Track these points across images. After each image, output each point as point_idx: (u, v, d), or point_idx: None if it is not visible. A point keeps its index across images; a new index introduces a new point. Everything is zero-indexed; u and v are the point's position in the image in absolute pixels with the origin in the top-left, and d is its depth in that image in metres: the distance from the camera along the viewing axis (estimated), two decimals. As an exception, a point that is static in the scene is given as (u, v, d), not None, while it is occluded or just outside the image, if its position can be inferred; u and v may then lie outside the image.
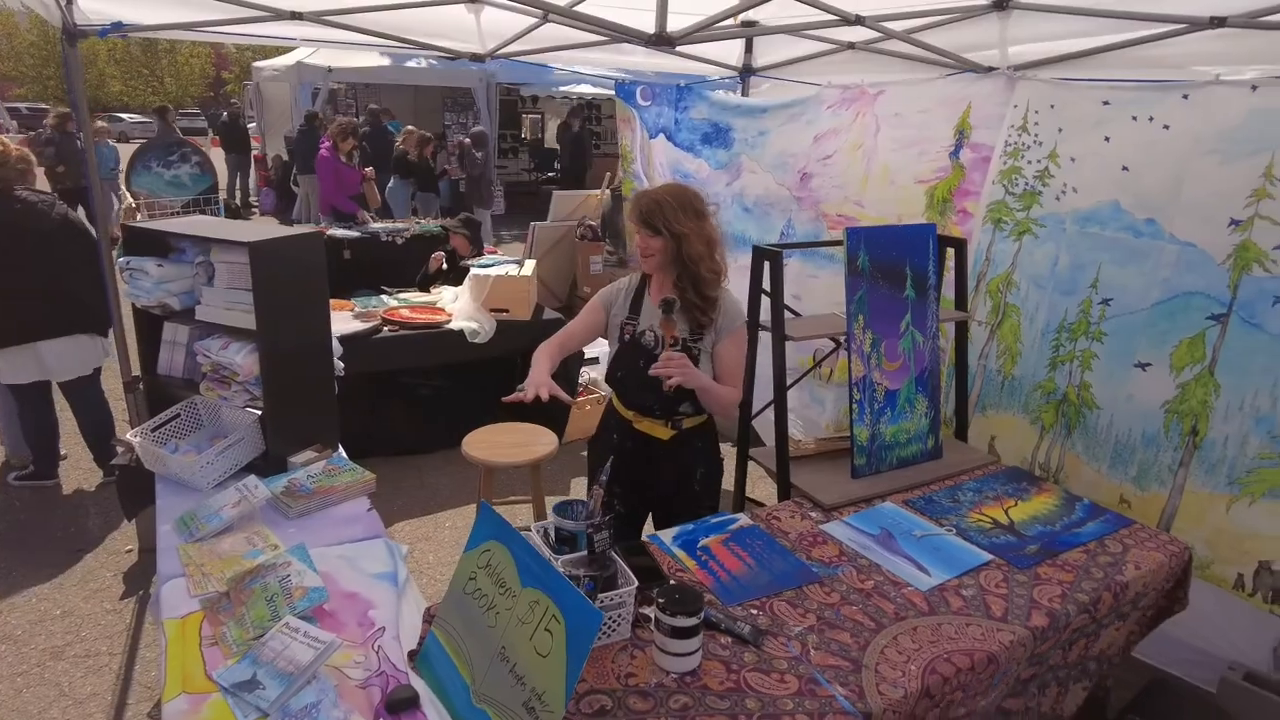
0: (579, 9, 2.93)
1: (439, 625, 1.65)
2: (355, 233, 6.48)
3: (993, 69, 3.27)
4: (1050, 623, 1.87)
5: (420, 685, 1.58)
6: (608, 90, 10.17)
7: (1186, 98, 2.59)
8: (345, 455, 2.59)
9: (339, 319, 4.00)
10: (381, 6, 3.23)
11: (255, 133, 13.90)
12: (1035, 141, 3.07)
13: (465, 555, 1.66)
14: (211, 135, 19.94)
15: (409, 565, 2.03)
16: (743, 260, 2.78)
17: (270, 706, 1.50)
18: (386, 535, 2.18)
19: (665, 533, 2.19)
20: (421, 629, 1.75)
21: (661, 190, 2.29)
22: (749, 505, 2.73)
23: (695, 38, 2.92)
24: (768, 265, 2.63)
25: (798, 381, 3.36)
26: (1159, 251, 2.69)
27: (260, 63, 13.68)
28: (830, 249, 3.69)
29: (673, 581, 1.90)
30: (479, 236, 5.61)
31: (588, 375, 5.09)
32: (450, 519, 3.90)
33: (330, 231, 6.24)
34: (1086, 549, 2.18)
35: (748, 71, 4.61)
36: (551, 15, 3.08)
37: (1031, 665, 1.91)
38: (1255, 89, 2.43)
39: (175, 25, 3.24)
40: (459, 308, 4.62)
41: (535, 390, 2.14)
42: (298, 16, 3.10)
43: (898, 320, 2.64)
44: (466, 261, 5.18)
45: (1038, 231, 3.08)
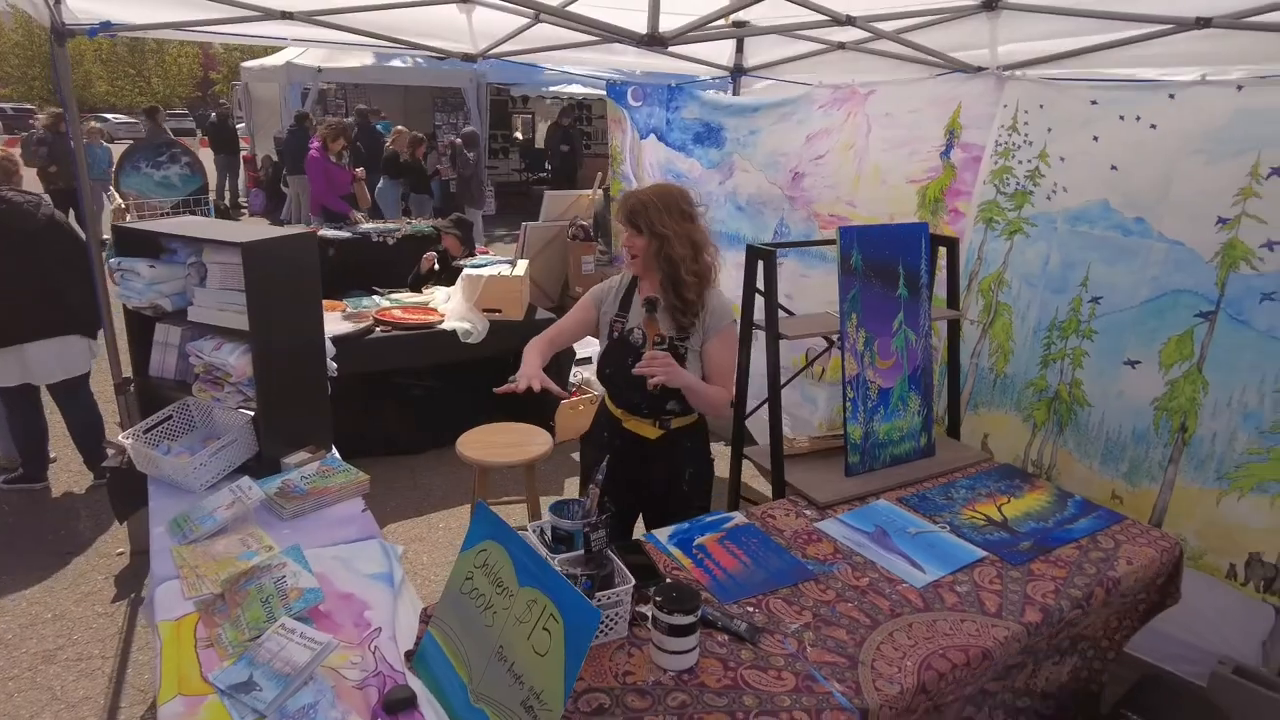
0: (571, 9, 2.93)
1: (436, 625, 1.65)
2: (346, 233, 6.45)
3: (982, 69, 3.29)
4: (1044, 618, 1.89)
5: (417, 685, 1.58)
6: (598, 90, 10.17)
7: (1173, 97, 2.62)
8: (339, 456, 2.58)
9: (330, 320, 3.99)
10: (373, 6, 3.22)
11: (244, 133, 13.82)
12: (1025, 141, 3.09)
13: (462, 555, 1.66)
14: (200, 136, 19.83)
15: (403, 566, 2.03)
16: (737, 258, 2.79)
17: (267, 708, 1.50)
18: (381, 536, 2.18)
19: (661, 531, 2.19)
20: (418, 629, 1.75)
21: (648, 190, 2.29)
22: (744, 504, 2.73)
23: (687, 38, 2.93)
24: (761, 264, 2.64)
25: (791, 380, 3.37)
26: (1148, 250, 2.71)
27: (249, 63, 13.59)
28: (823, 248, 3.70)
29: (669, 580, 1.90)
30: (471, 237, 5.60)
31: (581, 375, 5.09)
32: (444, 520, 3.90)
33: (321, 232, 6.21)
34: (1079, 545, 2.20)
35: (739, 71, 4.63)
36: (543, 15, 3.08)
37: (1020, 654, 1.92)
38: (1241, 89, 2.46)
39: (165, 25, 3.23)
40: (451, 308, 4.61)
41: (527, 381, 2.15)
42: (288, 16, 3.08)
43: (890, 319, 2.66)
44: (458, 262, 5.17)
45: (1029, 230, 3.10)
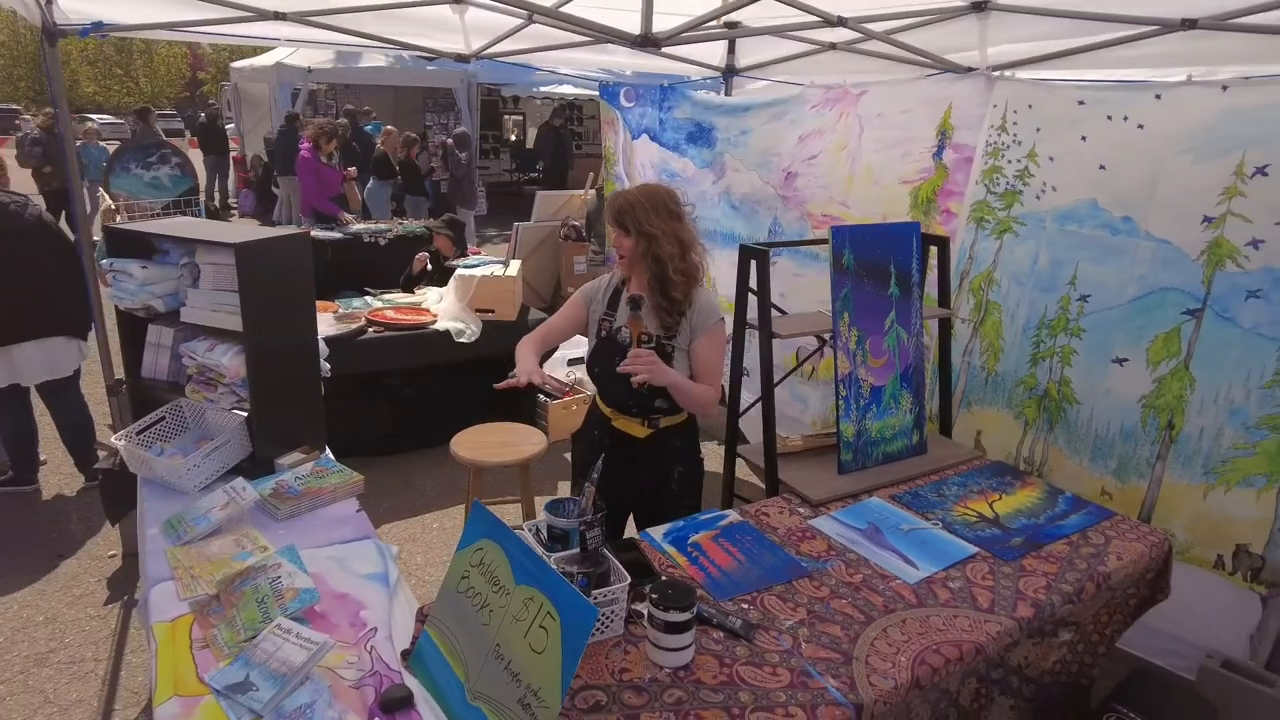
0: (564, 10, 2.94)
1: (432, 624, 1.65)
2: (338, 234, 6.44)
3: (972, 69, 3.32)
4: (1036, 613, 1.91)
5: (414, 684, 1.58)
6: (589, 91, 10.19)
7: (1159, 98, 2.65)
8: (332, 457, 2.58)
9: (323, 321, 3.99)
10: (366, 7, 3.22)
11: (234, 134, 13.76)
12: (1015, 141, 3.12)
13: (458, 554, 1.66)
14: (189, 137, 19.72)
15: (398, 566, 2.03)
16: (731, 257, 2.80)
17: (264, 708, 1.49)
18: (376, 536, 2.18)
19: (656, 530, 2.20)
20: (415, 628, 1.75)
21: (635, 191, 2.31)
22: (737, 502, 2.75)
23: (680, 39, 2.94)
24: (754, 263, 2.65)
25: (784, 379, 3.38)
26: (1135, 248, 2.74)
27: (238, 63, 13.54)
28: (815, 247, 3.72)
29: (664, 578, 1.91)
30: (463, 237, 5.60)
31: (574, 374, 5.10)
32: (438, 520, 3.89)
33: (312, 233, 6.20)
34: (1070, 541, 2.22)
35: (730, 72, 4.64)
36: (536, 16, 3.09)
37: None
38: (1226, 89, 2.49)
39: (156, 25, 3.22)
40: (444, 308, 4.61)
41: (527, 376, 2.20)
42: (281, 16, 3.08)
43: (882, 317, 2.67)
44: (451, 262, 5.17)
45: (1018, 230, 3.13)
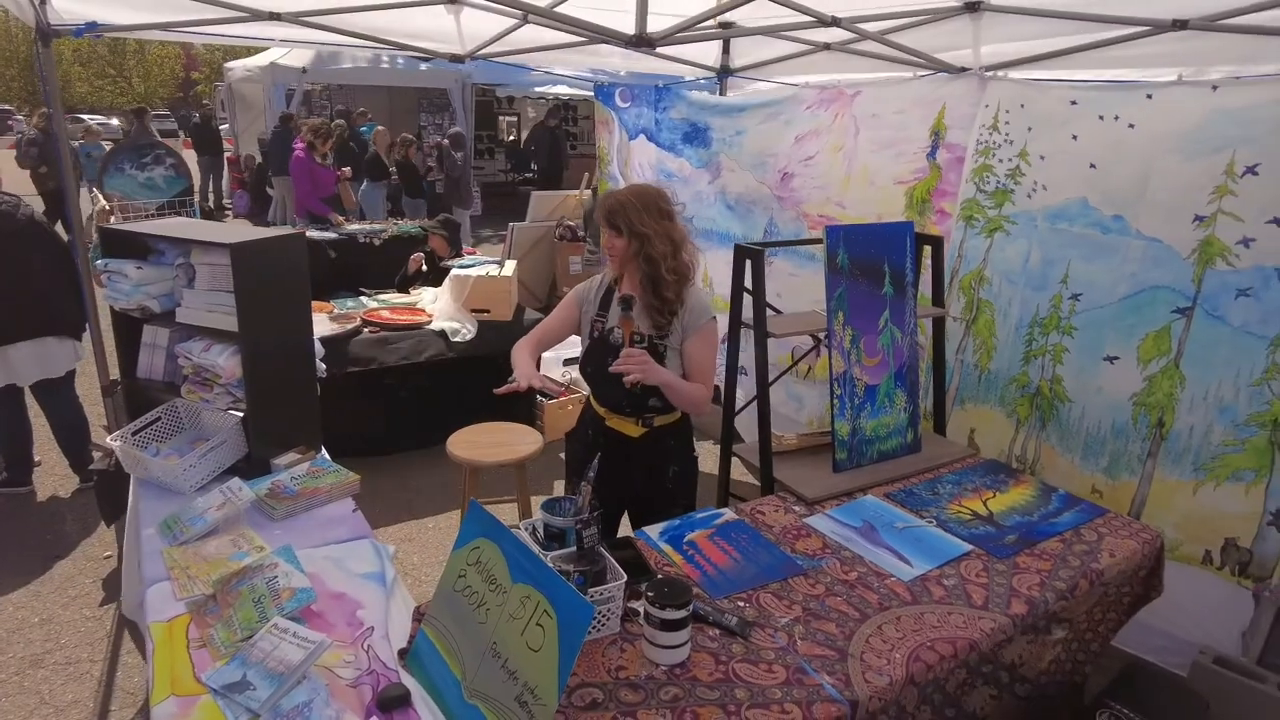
0: (559, 10, 2.95)
1: (429, 623, 1.66)
2: (333, 234, 6.43)
3: (965, 69, 3.33)
4: (1029, 610, 1.92)
5: (411, 683, 1.59)
6: (584, 91, 10.19)
7: (1150, 97, 2.67)
8: (328, 457, 2.58)
9: (318, 321, 3.98)
10: (361, 8, 3.22)
11: (228, 134, 13.73)
12: (1006, 140, 3.13)
13: (454, 553, 1.67)
14: (183, 137, 19.66)
15: (394, 566, 2.04)
16: (727, 256, 2.82)
17: (261, 707, 1.50)
18: (373, 536, 2.18)
19: (652, 528, 2.21)
20: (411, 627, 1.75)
21: (626, 191, 2.32)
22: (733, 500, 2.76)
23: (675, 39, 2.95)
24: (749, 263, 2.66)
25: (779, 378, 3.40)
26: (1126, 247, 2.76)
27: (232, 63, 13.49)
28: (811, 247, 3.74)
29: (660, 576, 1.92)
30: (458, 237, 5.60)
31: (569, 374, 5.10)
32: (434, 520, 3.89)
33: (307, 233, 6.19)
34: (1063, 538, 2.24)
35: (725, 72, 4.65)
36: (531, 16, 3.09)
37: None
38: (1216, 89, 2.51)
39: (151, 25, 3.21)
40: (439, 308, 4.62)
41: (527, 381, 2.22)
42: (276, 17, 3.08)
43: (876, 316, 2.69)
44: (446, 262, 5.17)
45: (1009, 228, 3.14)
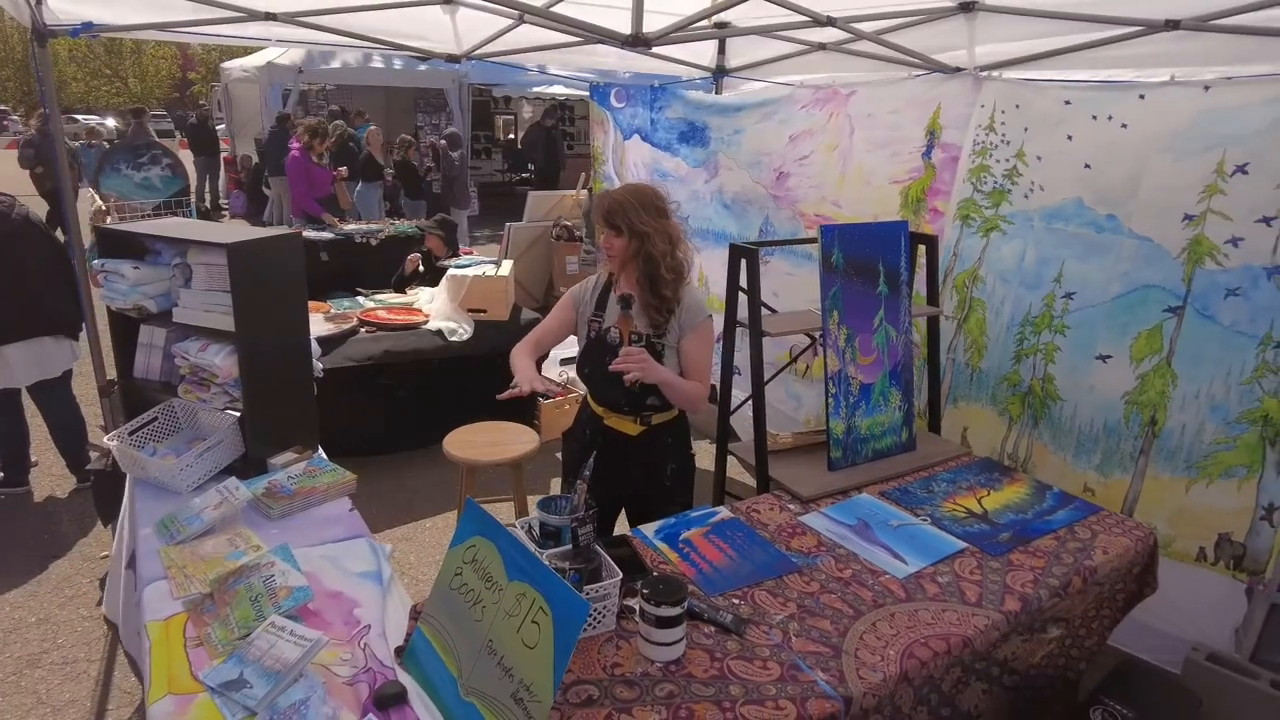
0: (555, 10, 2.96)
1: (425, 621, 1.67)
2: (329, 235, 6.44)
3: (960, 69, 3.35)
4: (1023, 607, 1.93)
5: (408, 681, 1.59)
6: (581, 91, 10.17)
7: (1143, 98, 2.68)
8: (325, 456, 2.59)
9: (314, 321, 3.98)
10: (357, 8, 3.22)
11: (224, 134, 13.71)
12: (1003, 140, 3.15)
13: (451, 551, 1.68)
14: (179, 138, 19.63)
15: (391, 565, 2.04)
16: (723, 255, 2.83)
17: (258, 705, 1.51)
18: (369, 535, 2.19)
19: (647, 526, 2.22)
20: (408, 625, 1.76)
21: (623, 190, 2.34)
22: (729, 499, 2.77)
23: (670, 38, 2.96)
24: (744, 262, 2.67)
25: (774, 377, 3.41)
26: (1119, 246, 2.78)
27: (228, 63, 13.48)
28: (807, 247, 3.75)
29: (656, 574, 1.93)
30: (454, 237, 5.61)
31: (566, 374, 5.11)
32: (431, 520, 3.90)
33: (304, 234, 6.19)
34: (1057, 536, 2.25)
35: (721, 72, 4.66)
36: (527, 16, 3.10)
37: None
38: (1207, 89, 2.53)
39: (147, 25, 3.21)
40: (436, 308, 4.62)
41: (529, 385, 2.23)
42: (272, 17, 3.09)
43: (871, 316, 2.70)
44: (443, 262, 5.17)
45: (1006, 228, 3.16)
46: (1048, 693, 2.26)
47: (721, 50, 4.57)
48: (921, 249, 2.99)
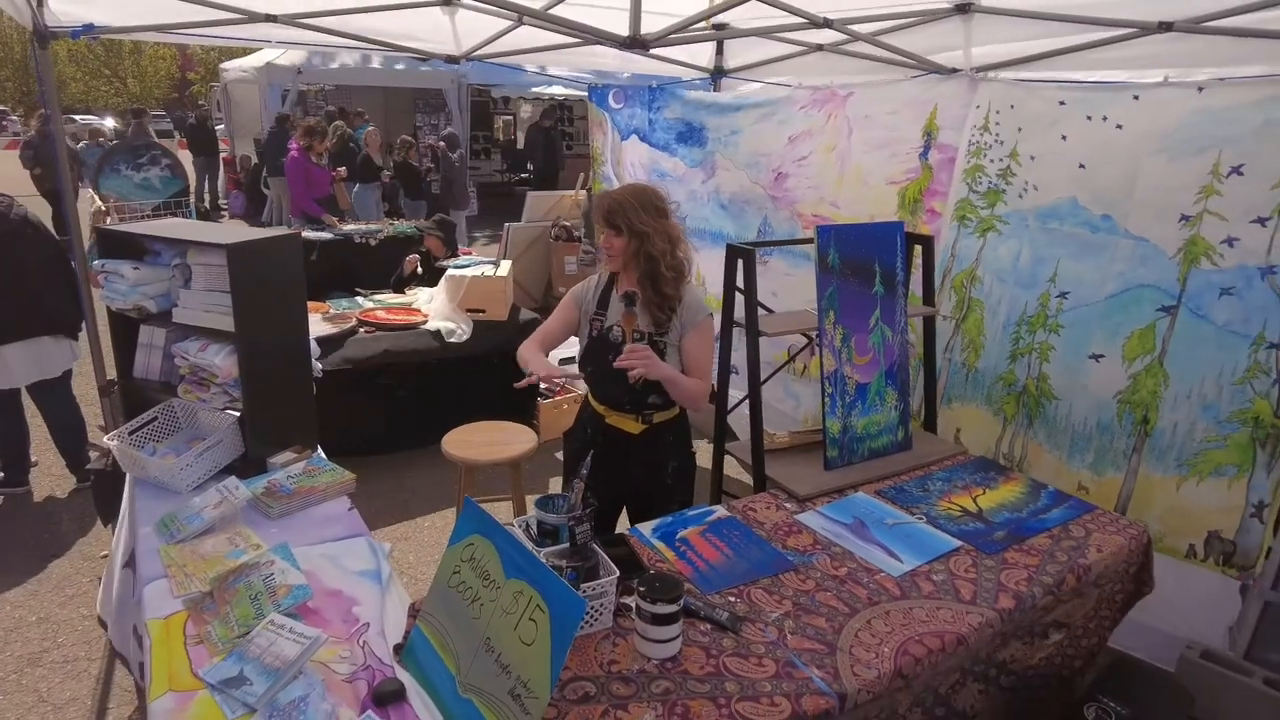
0: (553, 11, 2.97)
1: (424, 619, 1.68)
2: (328, 235, 6.44)
3: (956, 70, 3.36)
4: (1017, 604, 1.95)
5: (406, 678, 1.61)
6: (580, 91, 10.18)
7: (1137, 98, 2.70)
8: (324, 456, 2.60)
9: (313, 321, 3.99)
10: (357, 9, 3.24)
11: (223, 135, 13.72)
12: (997, 141, 3.16)
13: (449, 550, 1.69)
14: (179, 138, 19.62)
15: (390, 564, 2.06)
16: (721, 255, 2.84)
17: (258, 701, 1.52)
18: (369, 534, 2.20)
19: (644, 525, 2.23)
20: (406, 623, 1.77)
21: (623, 190, 2.36)
22: (725, 498, 2.78)
23: (668, 40, 2.97)
24: (741, 263, 2.69)
25: (771, 377, 3.42)
26: (1114, 246, 2.79)
27: (228, 64, 13.48)
28: (805, 247, 3.76)
29: (652, 572, 1.94)
30: (453, 238, 5.62)
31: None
32: (429, 519, 3.91)
33: (303, 234, 6.20)
34: (1051, 534, 2.27)
35: (719, 73, 4.68)
36: (526, 18, 3.11)
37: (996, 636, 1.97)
38: (1201, 90, 2.54)
39: (148, 27, 3.22)
40: (435, 308, 4.63)
41: (545, 371, 2.28)
42: (272, 19, 3.10)
43: (867, 315, 2.71)
44: (441, 263, 5.19)
45: (1001, 228, 3.17)
46: (1043, 692, 2.28)
47: (720, 51, 4.59)
48: (918, 249, 3.00)
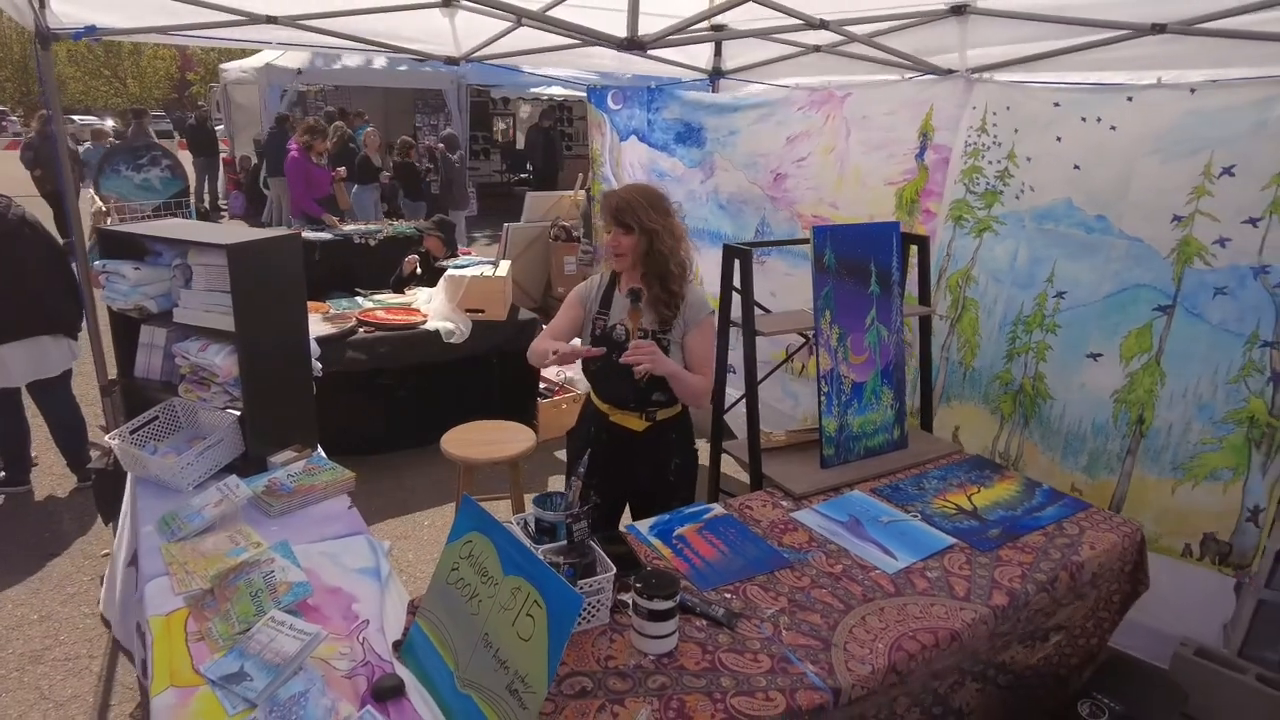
0: (552, 13, 2.99)
1: (423, 616, 1.70)
2: (328, 235, 6.46)
3: (952, 71, 3.38)
4: (1010, 601, 1.96)
5: (406, 674, 1.62)
6: (579, 92, 10.19)
7: (1131, 100, 2.72)
8: (324, 455, 2.62)
9: (313, 321, 4.01)
10: (357, 10, 3.25)
11: (223, 135, 13.73)
12: (994, 142, 3.18)
13: (448, 547, 1.71)
14: (178, 139, 19.63)
15: (389, 561, 2.07)
16: (719, 255, 2.86)
17: (258, 697, 1.54)
18: (368, 532, 2.22)
19: (642, 523, 2.25)
20: (406, 620, 1.79)
21: (630, 189, 2.38)
22: (722, 496, 2.80)
23: (666, 41, 2.99)
24: (738, 263, 2.71)
25: (768, 376, 3.43)
26: (1109, 246, 2.81)
27: (227, 65, 13.50)
28: (804, 247, 3.77)
29: (649, 569, 1.96)
30: (453, 238, 5.64)
31: (564, 374, 5.14)
32: (429, 518, 3.93)
33: (303, 234, 6.21)
34: (1045, 532, 2.28)
35: (717, 74, 4.70)
36: (525, 19, 3.13)
37: (993, 636, 1.99)
38: (1193, 92, 2.56)
39: (149, 29, 3.24)
40: (434, 308, 4.65)
41: (571, 349, 2.27)
42: (273, 21, 3.12)
43: (863, 315, 2.73)
44: (441, 263, 5.20)
45: (998, 229, 3.19)
46: (1039, 690, 2.29)
47: (718, 52, 4.61)
48: (913, 249, 3.02)
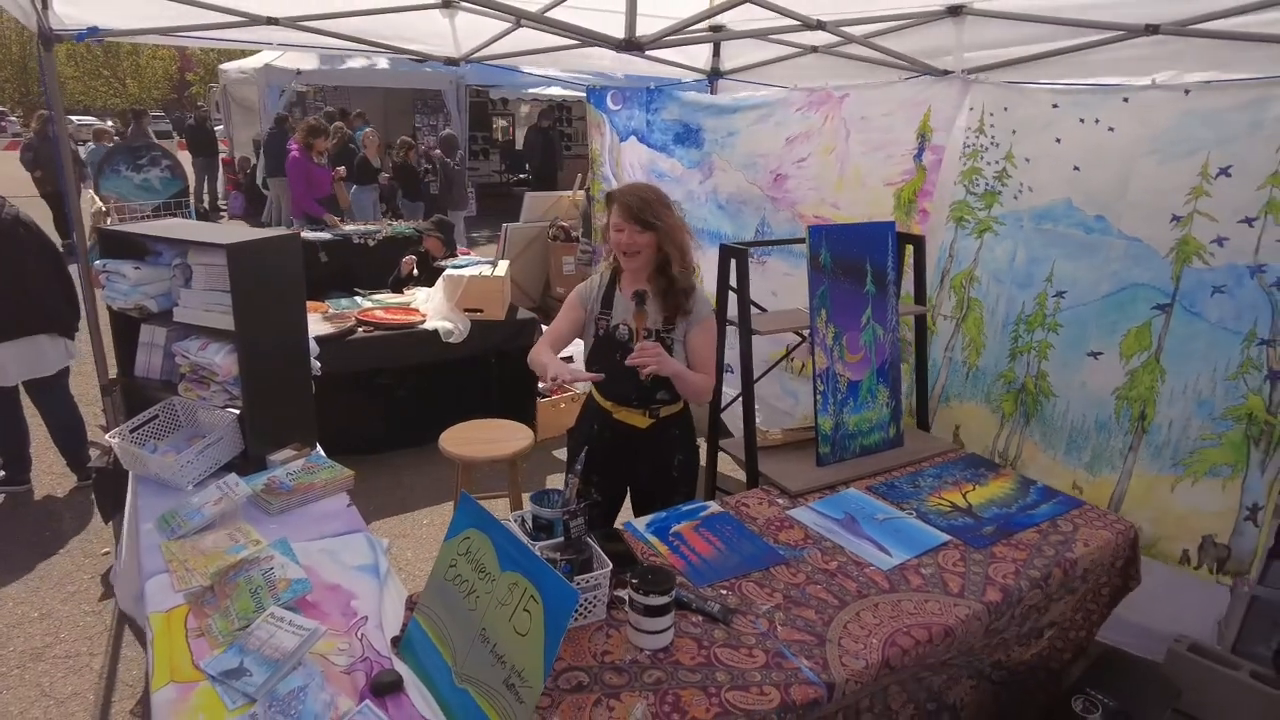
0: (551, 14, 3.00)
1: (421, 611, 1.71)
2: (328, 235, 6.47)
3: (949, 72, 3.39)
4: (1004, 597, 1.98)
5: (404, 669, 1.64)
6: (578, 92, 10.21)
7: (1127, 101, 2.73)
8: (323, 453, 2.63)
9: (312, 321, 4.02)
10: (357, 11, 3.27)
11: (222, 135, 13.74)
12: (992, 143, 3.20)
13: (446, 544, 1.72)
14: (178, 139, 19.65)
15: (388, 559, 2.09)
16: (716, 254, 2.88)
17: (257, 691, 1.55)
18: (367, 529, 2.23)
19: (639, 520, 2.27)
20: (404, 616, 1.81)
21: (641, 188, 2.39)
22: (719, 494, 2.81)
23: (664, 42, 3.00)
24: (734, 262, 2.72)
25: (765, 374, 3.45)
26: (1108, 246, 2.82)
27: (227, 65, 13.52)
28: (804, 247, 3.79)
29: (645, 565, 1.98)
30: (452, 238, 5.65)
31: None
32: (427, 516, 3.94)
33: (303, 234, 6.23)
34: (1039, 529, 2.30)
35: (716, 74, 4.71)
36: (524, 20, 3.14)
37: (988, 634, 2.01)
38: (1188, 93, 2.57)
39: (151, 30, 3.25)
40: (433, 308, 4.66)
41: (569, 374, 2.31)
42: (274, 22, 3.13)
43: (859, 314, 2.75)
44: (440, 263, 5.22)
45: (998, 229, 3.20)
46: (1032, 685, 2.31)
47: (716, 53, 4.62)
48: (909, 249, 3.04)
